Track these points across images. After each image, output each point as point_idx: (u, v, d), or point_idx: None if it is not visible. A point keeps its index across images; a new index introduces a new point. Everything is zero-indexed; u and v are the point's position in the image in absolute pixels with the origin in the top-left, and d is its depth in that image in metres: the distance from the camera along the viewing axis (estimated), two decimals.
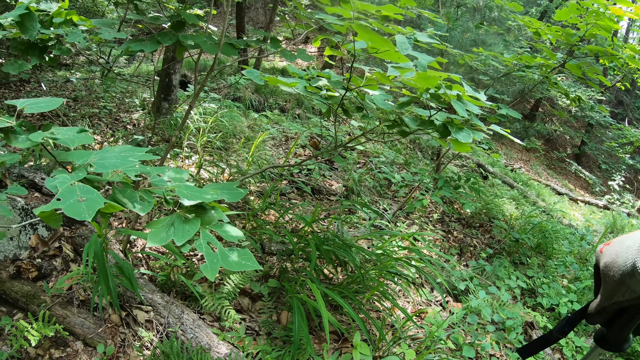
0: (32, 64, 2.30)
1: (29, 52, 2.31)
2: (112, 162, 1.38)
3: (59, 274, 3.37)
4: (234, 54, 2.87)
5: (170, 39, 2.52)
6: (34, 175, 4.08)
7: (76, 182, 1.28)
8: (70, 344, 2.86)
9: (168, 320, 2.96)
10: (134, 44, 2.49)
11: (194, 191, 1.53)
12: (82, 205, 1.17)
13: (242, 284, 3.25)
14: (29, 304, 3.01)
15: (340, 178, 6.39)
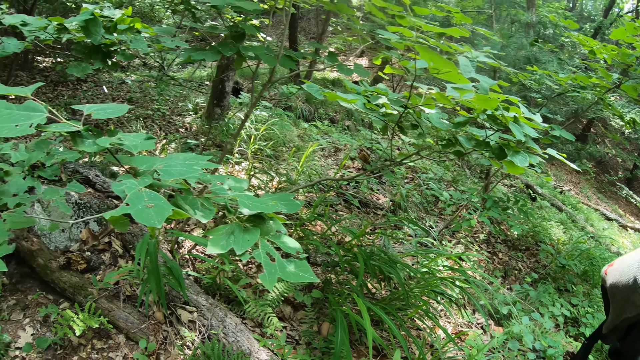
0: (95, 67, 2.38)
1: (92, 56, 2.39)
2: (177, 170, 1.41)
3: (107, 268, 3.46)
4: (291, 66, 2.90)
5: (231, 50, 2.56)
6: (88, 172, 4.21)
7: (143, 188, 1.31)
8: (112, 337, 2.94)
9: (211, 323, 3.00)
10: (195, 52, 2.55)
11: (255, 201, 1.55)
12: (150, 212, 1.20)
13: (286, 292, 3.27)
14: (75, 294, 3.11)
15: (387, 192, 6.36)
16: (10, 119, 1.45)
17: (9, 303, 3.12)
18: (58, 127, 1.47)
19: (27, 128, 1.42)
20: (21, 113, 1.48)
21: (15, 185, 2.13)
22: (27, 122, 1.44)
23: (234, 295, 3.26)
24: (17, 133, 1.40)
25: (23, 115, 1.48)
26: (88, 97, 7.89)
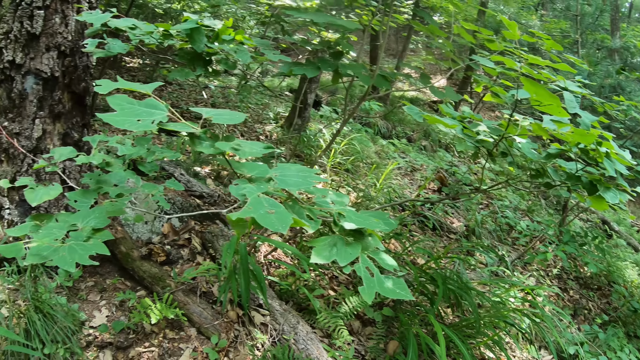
0: (197, 73, 2.48)
1: (194, 62, 2.50)
2: (294, 180, 1.46)
3: (185, 263, 3.60)
4: (386, 86, 2.93)
5: (330, 66, 2.62)
6: (174, 170, 4.39)
7: (261, 194, 1.37)
8: (184, 329, 3.05)
9: (283, 328, 3.06)
10: (296, 67, 2.62)
11: (359, 217, 1.58)
12: (272, 218, 1.25)
13: (358, 307, 3.28)
14: (153, 284, 3.26)
15: (462, 216, 6.27)
16: (133, 113, 1.55)
17: (87, 284, 3.32)
18: (178, 126, 1.55)
19: (149, 124, 1.51)
20: (142, 109, 1.58)
21: (116, 176, 2.26)
22: (149, 118, 1.54)
23: (306, 304, 3.31)
24: (139, 128, 1.49)
25: (144, 112, 1.57)
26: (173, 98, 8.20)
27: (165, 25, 2.49)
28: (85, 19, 2.36)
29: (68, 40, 3.28)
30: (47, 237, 1.64)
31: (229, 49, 2.45)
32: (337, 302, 3.40)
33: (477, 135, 2.59)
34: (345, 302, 3.32)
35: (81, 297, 3.20)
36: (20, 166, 3.30)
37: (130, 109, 1.57)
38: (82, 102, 3.55)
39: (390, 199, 5.33)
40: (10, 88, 3.22)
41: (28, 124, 3.28)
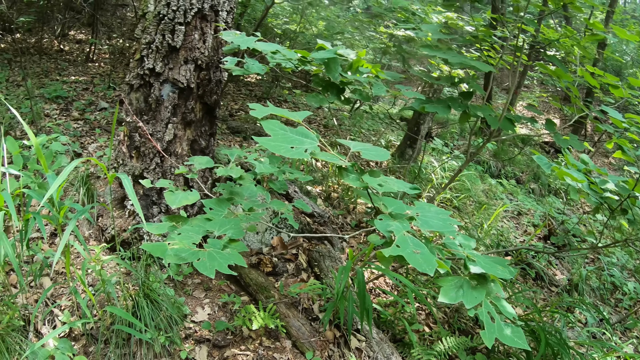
0: (330, 100, 2.56)
1: (328, 90, 2.58)
2: (435, 222, 1.48)
3: (289, 276, 3.70)
4: (511, 130, 2.89)
5: (460, 107, 2.64)
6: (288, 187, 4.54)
7: (405, 232, 1.40)
8: (281, 340, 3.13)
9: (377, 356, 3.05)
10: (428, 104, 2.65)
11: (485, 262, 1.57)
12: (419, 258, 1.27)
13: (454, 348, 3.20)
14: (258, 292, 3.39)
15: (565, 269, 5.94)
16: (286, 139, 1.64)
17: (194, 280, 3.52)
18: (327, 157, 1.62)
19: (301, 152, 1.59)
20: (294, 137, 1.66)
21: (247, 190, 2.38)
22: (301, 146, 1.62)
23: (401, 336, 3.28)
24: (294, 155, 1.58)
25: (296, 139, 1.65)
26: None
27: (304, 52, 2.60)
28: (233, 40, 2.52)
29: (205, 55, 3.51)
30: (185, 239, 1.75)
31: (364, 81, 2.51)
32: (432, 340, 3.34)
33: (603, 192, 2.47)
34: (442, 341, 3.25)
35: (187, 292, 3.39)
36: (148, 164, 3.56)
37: (283, 135, 1.66)
38: (212, 113, 3.77)
39: (497, 243, 5.16)
40: (148, 93, 3.50)
41: (161, 127, 3.53)
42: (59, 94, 6.45)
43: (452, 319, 3.76)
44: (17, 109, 5.76)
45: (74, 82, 7.22)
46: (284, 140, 1.63)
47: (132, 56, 3.65)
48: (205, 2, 3.48)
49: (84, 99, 6.60)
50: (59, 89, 6.58)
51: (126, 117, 3.64)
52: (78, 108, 6.26)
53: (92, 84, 7.30)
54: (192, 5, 3.43)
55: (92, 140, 5.47)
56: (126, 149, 3.68)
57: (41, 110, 5.93)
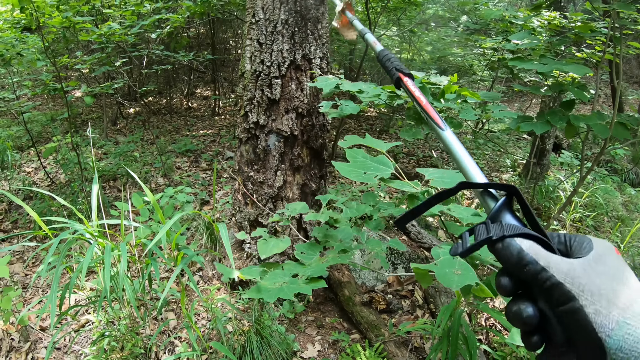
0: (426, 132, 2.51)
1: (422, 121, 2.54)
2: None
3: (404, 314, 3.61)
4: (626, 136, 2.60)
5: (560, 120, 2.44)
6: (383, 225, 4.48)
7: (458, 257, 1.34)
8: None
9: None
10: (524, 123, 2.50)
11: None
12: (454, 277, 1.23)
13: None
14: (368, 330, 3.35)
15: None
16: (362, 166, 1.70)
17: (308, 318, 3.60)
18: (398, 184, 1.62)
19: (371, 178, 1.62)
20: (372, 164, 1.71)
21: (342, 232, 2.39)
22: (374, 172, 1.65)
23: None
24: (363, 179, 1.62)
25: (373, 166, 1.70)
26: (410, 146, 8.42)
27: (391, 87, 2.59)
28: (317, 85, 2.60)
29: (304, 102, 3.64)
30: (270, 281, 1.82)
31: (455, 107, 2.44)
32: None
33: None
34: None
35: (299, 329, 3.49)
36: (262, 210, 3.73)
37: (363, 162, 1.73)
38: (319, 156, 3.88)
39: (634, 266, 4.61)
40: (256, 144, 3.69)
41: (271, 174, 3.70)
42: (189, 147, 7.02)
43: None
44: (151, 164, 6.36)
45: (202, 135, 7.82)
46: (360, 166, 1.69)
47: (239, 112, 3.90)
48: (297, 54, 3.63)
49: (211, 150, 7.12)
50: (188, 143, 7.16)
51: (239, 167, 3.88)
52: (206, 159, 6.76)
53: (219, 135, 7.85)
54: (285, 59, 3.59)
55: (219, 188, 5.86)
56: (241, 197, 3.90)
57: (173, 163, 6.48)
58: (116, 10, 6.03)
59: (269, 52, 3.61)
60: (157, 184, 5.93)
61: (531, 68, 2.40)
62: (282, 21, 3.59)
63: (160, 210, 3.03)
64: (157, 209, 3.01)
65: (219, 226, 2.76)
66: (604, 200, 6.28)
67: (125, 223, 3.20)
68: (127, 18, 5.88)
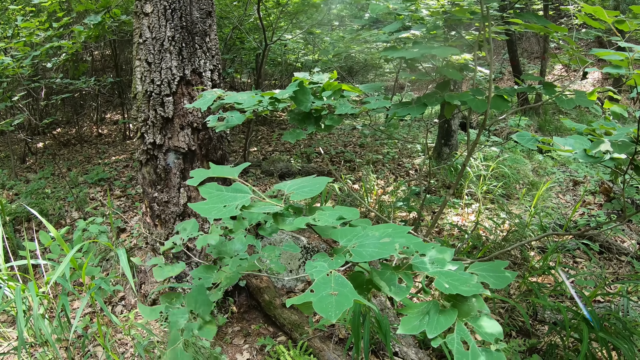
0: (309, 132, 2.53)
1: (305, 122, 2.55)
2: (369, 251, 1.39)
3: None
4: (505, 108, 2.72)
5: (436, 100, 2.51)
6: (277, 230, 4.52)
7: (333, 271, 1.33)
8: None
9: None
10: (400, 108, 2.56)
11: (455, 279, 1.45)
12: (331, 301, 1.20)
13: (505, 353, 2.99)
14: (293, 331, 3.41)
15: (634, 232, 5.48)
16: (220, 199, 1.62)
17: (234, 329, 3.60)
18: (261, 208, 1.58)
19: (233, 209, 1.56)
20: (229, 194, 1.64)
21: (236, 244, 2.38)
22: (234, 203, 1.59)
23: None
24: (225, 214, 1.55)
25: (230, 196, 1.63)
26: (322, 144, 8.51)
27: (270, 93, 2.60)
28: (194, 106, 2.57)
29: (199, 117, 3.61)
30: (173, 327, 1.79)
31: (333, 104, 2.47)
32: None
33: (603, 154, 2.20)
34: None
35: (227, 341, 3.47)
36: (171, 229, 3.67)
37: (219, 195, 1.65)
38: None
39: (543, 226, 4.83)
40: (156, 165, 3.62)
41: (174, 192, 3.63)
42: (101, 176, 6.79)
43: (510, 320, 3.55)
44: (64, 199, 6.11)
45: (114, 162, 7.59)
46: (217, 201, 1.61)
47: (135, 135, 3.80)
48: (186, 69, 3.58)
49: (124, 176, 6.91)
50: (101, 172, 6.92)
51: (143, 190, 3.79)
52: (119, 186, 6.55)
53: (131, 159, 7.64)
54: (174, 76, 3.54)
55: (134, 214, 5.70)
56: (150, 219, 3.81)
57: (86, 195, 6.24)
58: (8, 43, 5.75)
59: (158, 70, 3.55)
60: (73, 219, 5.70)
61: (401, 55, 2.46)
62: (168, 38, 3.53)
63: (64, 244, 2.95)
64: (62, 243, 2.92)
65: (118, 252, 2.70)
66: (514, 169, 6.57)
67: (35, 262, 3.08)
68: (19, 50, 5.62)
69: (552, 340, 3.26)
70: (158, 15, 3.50)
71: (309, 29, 7.52)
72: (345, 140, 8.73)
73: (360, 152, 8.01)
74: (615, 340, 2.79)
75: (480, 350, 1.33)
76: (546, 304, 3.29)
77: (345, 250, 1.42)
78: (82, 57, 8.33)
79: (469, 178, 5.96)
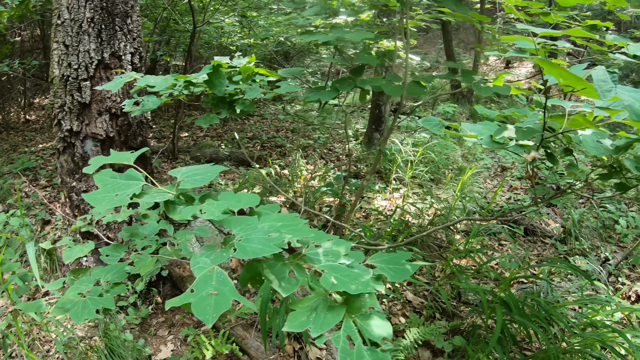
0: (223, 117, 2.47)
1: (219, 106, 2.50)
2: (253, 247, 1.34)
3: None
4: (421, 94, 2.72)
5: (349, 85, 2.49)
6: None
7: (216, 267, 1.29)
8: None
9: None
10: (311, 94, 2.53)
11: (345, 274, 1.41)
12: (210, 302, 1.16)
13: (424, 337, 3.04)
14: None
15: (558, 216, 5.68)
16: (113, 188, 1.57)
17: (158, 320, 3.54)
18: (152, 196, 1.53)
19: (124, 198, 1.51)
20: (122, 182, 1.60)
21: (148, 228, 2.33)
22: (126, 191, 1.54)
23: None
24: (116, 203, 1.49)
25: (124, 184, 1.59)
26: (254, 129, 8.42)
27: (183, 76, 2.52)
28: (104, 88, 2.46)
29: (117, 102, 3.47)
30: (74, 291, 1.72)
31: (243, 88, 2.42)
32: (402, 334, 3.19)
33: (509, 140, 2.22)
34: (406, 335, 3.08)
35: (151, 333, 3.41)
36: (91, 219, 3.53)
37: (112, 183, 1.60)
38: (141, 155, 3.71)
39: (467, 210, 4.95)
40: (73, 153, 3.47)
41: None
42: (26, 165, 6.48)
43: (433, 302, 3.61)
44: None
45: (41, 150, 7.26)
46: (110, 189, 1.56)
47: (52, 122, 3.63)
48: (105, 52, 3.45)
49: (50, 164, 6.62)
50: (26, 161, 6.61)
51: (61, 180, 3.63)
52: (45, 175, 6.28)
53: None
54: (92, 59, 3.40)
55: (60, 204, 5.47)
56: (69, 210, 3.67)
57: (10, 186, 5.95)
58: None
59: (76, 54, 3.40)
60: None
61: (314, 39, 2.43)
62: (87, 20, 3.38)
63: None
64: None
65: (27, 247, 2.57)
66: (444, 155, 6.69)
67: None
68: None
69: (474, 321, 3.33)
70: None
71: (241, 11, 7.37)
72: (278, 126, 8.69)
73: (291, 137, 8.01)
74: (530, 323, 2.88)
75: (366, 349, 1.29)
76: (466, 286, 3.36)
77: (231, 244, 1.38)
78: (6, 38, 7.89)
79: (396, 163, 6.02)
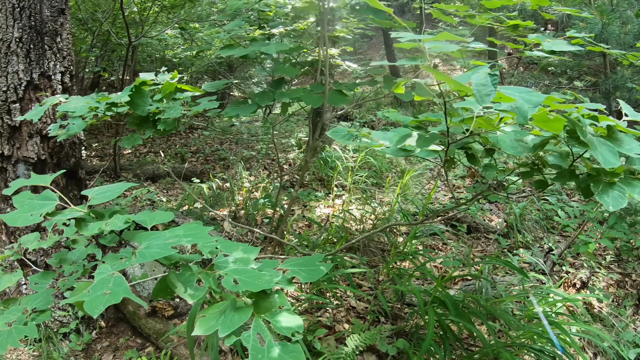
0: (147, 136, 2.48)
1: (143, 125, 2.50)
2: (152, 251, 1.40)
3: None
4: (344, 103, 2.79)
5: (268, 98, 2.53)
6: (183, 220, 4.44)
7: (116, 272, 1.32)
8: None
9: None
10: (231, 109, 2.56)
11: (248, 277, 1.46)
12: (102, 300, 1.21)
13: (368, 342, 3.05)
14: (158, 339, 3.34)
15: (501, 211, 5.84)
16: (30, 208, 1.64)
17: (102, 344, 3.48)
18: (64, 215, 1.58)
19: (37, 217, 1.56)
20: (38, 202, 1.66)
21: (76, 254, 2.30)
22: (40, 210, 1.59)
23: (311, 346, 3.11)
24: (30, 222, 1.56)
25: (39, 204, 1.65)
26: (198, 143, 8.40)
27: (106, 97, 2.52)
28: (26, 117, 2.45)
29: (48, 124, 3.42)
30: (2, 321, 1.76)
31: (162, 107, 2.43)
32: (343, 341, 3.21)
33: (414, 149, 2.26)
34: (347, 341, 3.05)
35: (95, 358, 3.35)
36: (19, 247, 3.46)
37: (29, 204, 1.66)
38: (75, 176, 3.69)
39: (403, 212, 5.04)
40: (6, 178, 3.42)
41: None
42: None
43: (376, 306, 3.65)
44: None
45: None
46: (27, 209, 1.62)
47: None
48: (34, 73, 3.41)
49: None
50: None
51: None
52: None
53: None
54: (21, 80, 3.36)
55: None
56: (5, 236, 3.59)
57: None
58: None
59: (5, 75, 3.36)
60: None
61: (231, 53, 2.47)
62: (16, 39, 3.34)
63: None
64: None
65: None
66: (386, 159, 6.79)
67: None
68: None
69: (417, 323, 3.39)
70: (6, 14, 3.31)
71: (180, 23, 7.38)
72: (222, 138, 8.71)
73: (235, 149, 8.05)
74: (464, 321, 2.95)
75: (277, 344, 1.34)
76: (405, 289, 3.42)
77: (134, 252, 1.42)
78: None
79: (336, 170, 6.10)
